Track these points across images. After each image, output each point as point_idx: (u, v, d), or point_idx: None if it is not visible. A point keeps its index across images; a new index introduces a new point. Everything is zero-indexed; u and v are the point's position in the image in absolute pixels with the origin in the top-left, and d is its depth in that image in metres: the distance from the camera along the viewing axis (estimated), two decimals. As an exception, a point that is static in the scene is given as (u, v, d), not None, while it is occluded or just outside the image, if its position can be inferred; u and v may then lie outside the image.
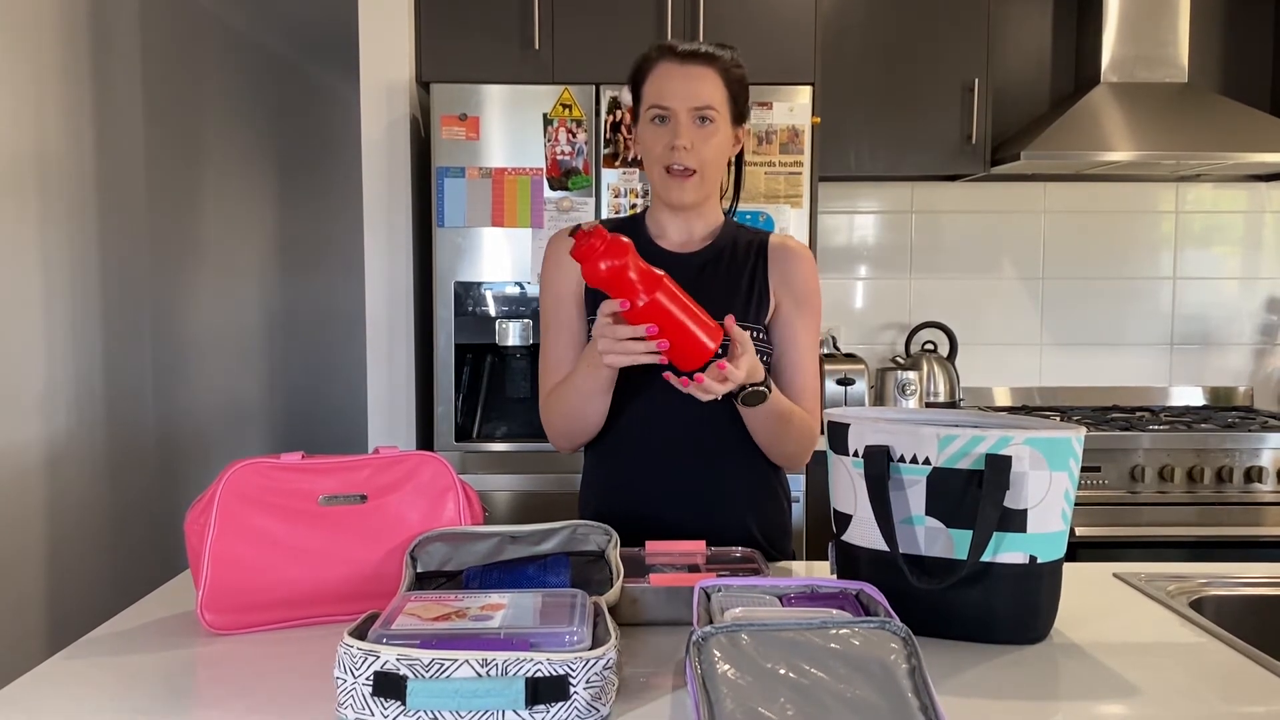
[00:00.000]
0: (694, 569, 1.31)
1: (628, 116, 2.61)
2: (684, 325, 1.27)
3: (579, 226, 1.32)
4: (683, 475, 1.55)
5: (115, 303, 3.13)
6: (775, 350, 1.58)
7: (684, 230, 1.59)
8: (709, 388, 1.31)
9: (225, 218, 3.98)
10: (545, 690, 0.90)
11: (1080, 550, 2.62)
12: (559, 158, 2.62)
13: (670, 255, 1.57)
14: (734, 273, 1.58)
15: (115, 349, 3.13)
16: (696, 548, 1.38)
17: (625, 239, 1.28)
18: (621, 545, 1.33)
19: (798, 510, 2.65)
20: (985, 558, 1.15)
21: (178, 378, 3.57)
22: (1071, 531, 1.45)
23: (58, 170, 2.80)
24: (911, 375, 3.03)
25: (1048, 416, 2.89)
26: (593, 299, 1.57)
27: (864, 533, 1.22)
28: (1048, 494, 1.15)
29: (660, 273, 1.28)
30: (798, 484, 2.63)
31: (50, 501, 2.77)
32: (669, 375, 1.33)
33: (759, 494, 1.61)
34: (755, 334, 1.55)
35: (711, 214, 1.61)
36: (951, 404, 3.07)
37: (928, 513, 1.17)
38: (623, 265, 1.26)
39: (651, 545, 1.38)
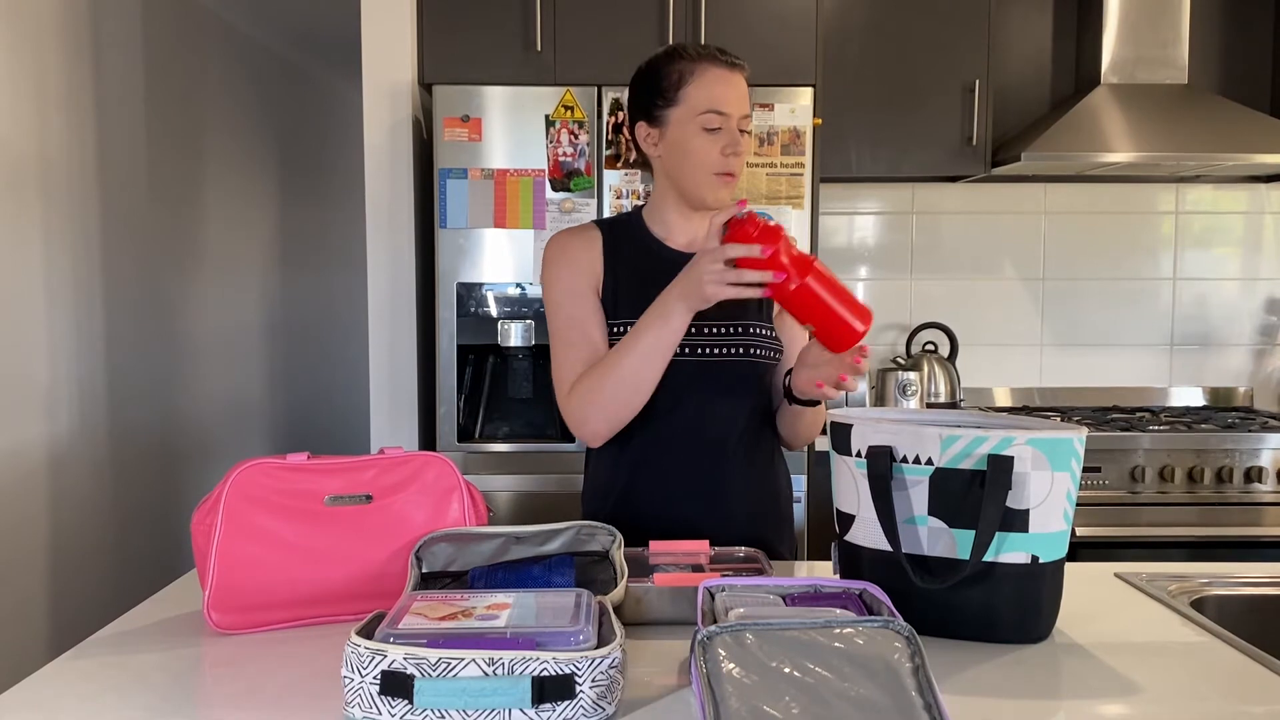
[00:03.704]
0: (698, 569, 1.32)
1: (629, 118, 2.61)
2: (832, 309, 1.29)
3: (733, 215, 1.32)
4: (690, 476, 1.56)
5: (117, 303, 3.13)
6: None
7: (689, 231, 1.60)
8: (848, 385, 1.36)
9: (227, 218, 3.98)
10: (551, 689, 0.91)
11: (1081, 550, 2.63)
12: (561, 159, 2.63)
13: (681, 256, 1.58)
14: None
15: (117, 349, 3.13)
16: (700, 547, 1.38)
17: (777, 224, 1.30)
18: (626, 545, 1.34)
19: (798, 510, 2.66)
20: (987, 557, 1.16)
21: (180, 378, 3.58)
22: (1072, 532, 1.45)
23: (60, 171, 2.80)
24: (912, 376, 3.03)
25: (1048, 417, 2.90)
26: (612, 300, 1.56)
27: (867, 533, 1.22)
28: (1050, 494, 1.15)
29: (811, 256, 1.30)
30: (799, 484, 2.64)
31: (53, 502, 2.77)
32: (821, 385, 1.37)
33: (765, 494, 1.62)
34: (767, 332, 1.57)
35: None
36: (952, 404, 3.08)
37: (930, 513, 1.18)
38: (775, 251, 1.27)
39: (655, 545, 1.39)
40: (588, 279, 1.56)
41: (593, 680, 0.92)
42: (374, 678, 0.91)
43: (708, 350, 1.53)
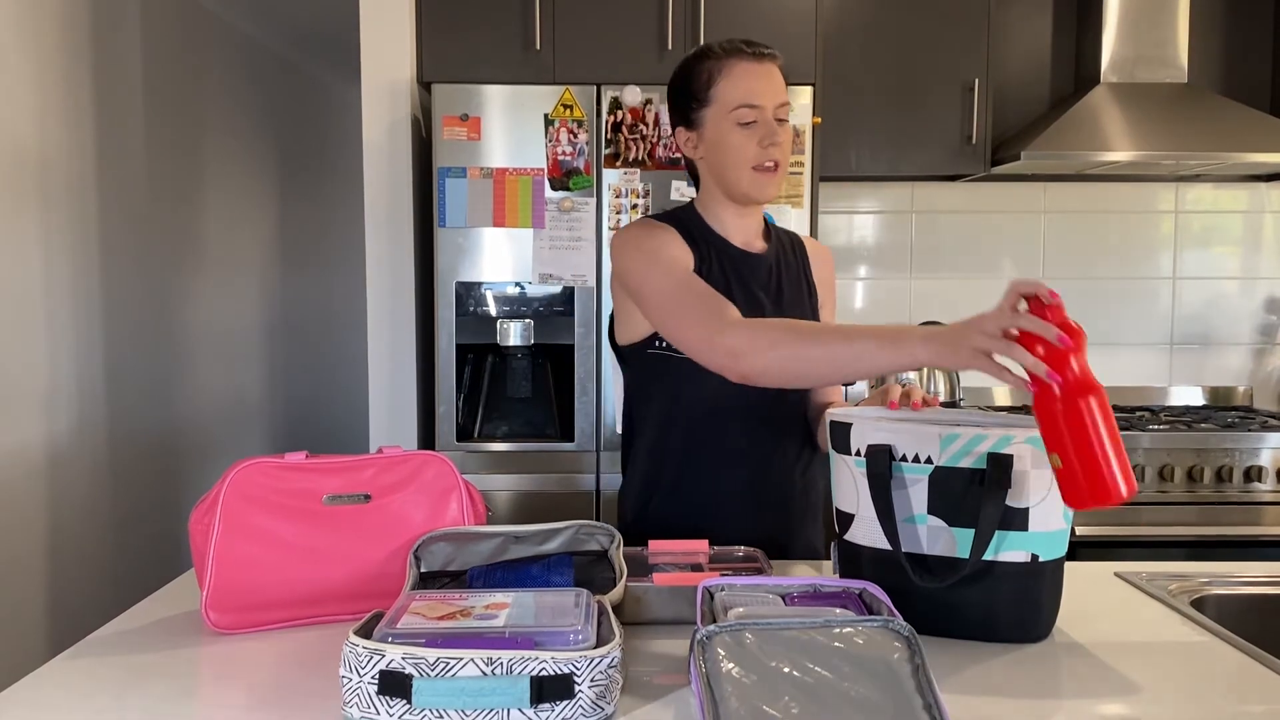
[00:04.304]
0: (697, 568, 1.31)
1: (629, 116, 2.61)
2: (1094, 450, 1.05)
3: (1038, 292, 1.09)
4: (743, 478, 1.56)
5: (117, 303, 3.13)
6: None
7: (744, 229, 1.59)
8: None
9: (226, 217, 3.98)
10: (550, 689, 0.91)
11: (1080, 550, 2.62)
12: (560, 158, 2.62)
13: (747, 257, 1.57)
14: (793, 274, 1.61)
15: (117, 349, 3.13)
16: (699, 547, 1.38)
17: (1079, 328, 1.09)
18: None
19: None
20: (987, 556, 1.15)
21: (179, 377, 3.58)
22: (1072, 531, 1.45)
23: (59, 170, 2.80)
24: (912, 375, 3.03)
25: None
26: None
27: (866, 532, 1.22)
28: (1049, 492, 1.15)
29: (1099, 385, 1.07)
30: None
31: (52, 501, 2.77)
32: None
33: (811, 492, 1.63)
34: None
35: (760, 210, 1.62)
36: (952, 404, 3.08)
37: (930, 511, 1.18)
38: (1068, 351, 1.06)
39: (654, 545, 1.39)
40: (687, 259, 1.51)
41: (592, 680, 0.92)
42: (372, 677, 0.91)
43: None
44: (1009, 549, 1.16)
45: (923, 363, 1.17)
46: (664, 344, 1.53)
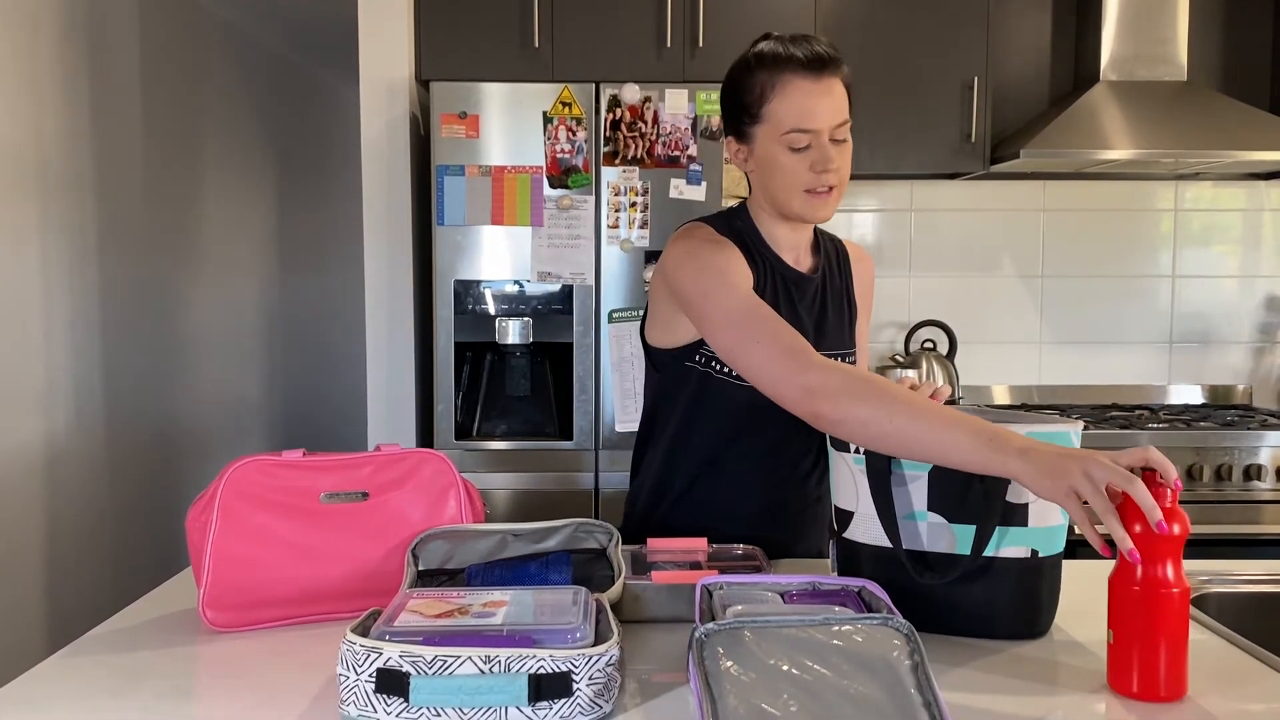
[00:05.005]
0: (695, 566, 1.31)
1: (628, 114, 2.61)
2: (1159, 650, 1.01)
3: (1159, 470, 1.06)
4: (765, 489, 1.55)
5: (114, 302, 3.12)
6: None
7: (795, 244, 1.52)
8: None
9: (224, 216, 3.97)
10: (548, 687, 0.90)
11: (1080, 548, 2.62)
12: (559, 156, 2.62)
13: (799, 278, 1.51)
14: (837, 295, 1.57)
15: (114, 348, 3.13)
16: (698, 545, 1.38)
17: (1188, 525, 1.06)
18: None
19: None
20: (987, 552, 1.15)
21: (177, 376, 3.57)
22: (1071, 529, 1.45)
23: (57, 170, 2.80)
24: (911, 373, 3.03)
25: (1047, 414, 2.89)
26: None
27: (866, 529, 1.22)
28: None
29: (1188, 584, 1.04)
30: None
31: (50, 500, 2.77)
32: None
33: (822, 510, 1.62)
34: (846, 359, 1.54)
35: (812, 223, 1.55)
36: (951, 403, 3.07)
37: (929, 508, 1.17)
38: (1167, 539, 1.04)
39: (653, 543, 1.38)
40: (750, 279, 1.44)
41: (590, 678, 0.91)
42: (369, 676, 0.91)
43: None
44: (1009, 545, 1.16)
45: (1015, 476, 1.07)
46: (703, 359, 1.49)
